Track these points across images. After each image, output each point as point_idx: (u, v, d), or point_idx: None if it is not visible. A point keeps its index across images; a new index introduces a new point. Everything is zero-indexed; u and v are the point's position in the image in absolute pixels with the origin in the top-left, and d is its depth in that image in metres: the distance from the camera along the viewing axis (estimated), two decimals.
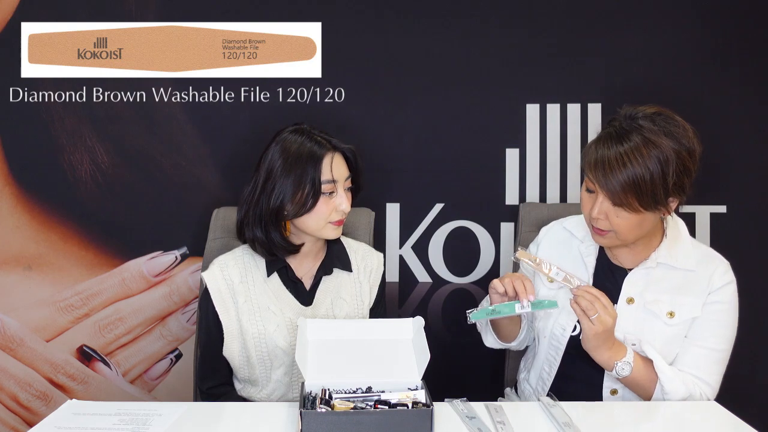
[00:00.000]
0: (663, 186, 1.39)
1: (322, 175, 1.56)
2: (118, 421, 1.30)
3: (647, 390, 1.48)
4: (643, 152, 1.38)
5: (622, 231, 1.46)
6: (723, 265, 1.55)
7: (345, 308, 1.66)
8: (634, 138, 1.40)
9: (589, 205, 1.47)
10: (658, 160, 1.38)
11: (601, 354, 1.44)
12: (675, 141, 1.40)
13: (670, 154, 1.39)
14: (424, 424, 1.23)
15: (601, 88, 2.09)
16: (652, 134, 1.40)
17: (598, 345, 1.43)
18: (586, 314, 1.40)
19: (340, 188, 1.59)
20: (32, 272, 2.11)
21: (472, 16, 2.11)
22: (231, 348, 1.61)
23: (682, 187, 1.43)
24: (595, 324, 1.39)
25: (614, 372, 1.45)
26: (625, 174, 1.38)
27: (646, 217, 1.44)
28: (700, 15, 2.11)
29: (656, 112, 1.44)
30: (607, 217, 1.45)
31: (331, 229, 1.60)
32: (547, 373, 1.62)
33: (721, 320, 1.53)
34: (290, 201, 1.56)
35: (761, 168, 2.13)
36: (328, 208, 1.58)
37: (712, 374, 1.51)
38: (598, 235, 1.50)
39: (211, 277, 1.62)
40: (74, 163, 2.09)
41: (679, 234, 1.57)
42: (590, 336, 1.41)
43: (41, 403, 2.11)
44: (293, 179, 1.55)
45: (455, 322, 2.15)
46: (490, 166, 2.13)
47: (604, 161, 1.40)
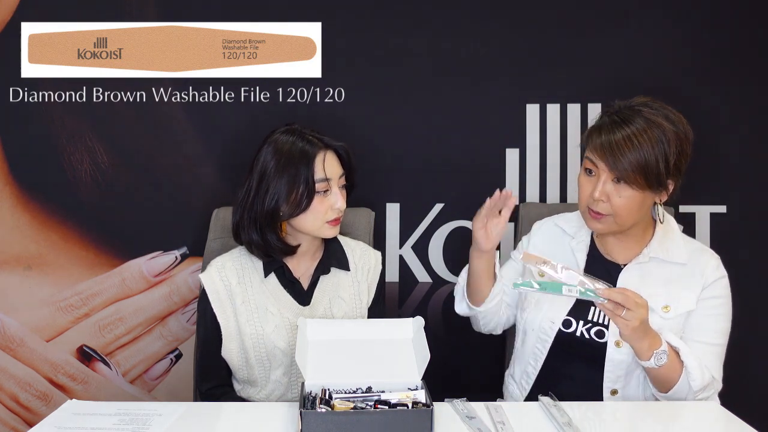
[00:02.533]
0: (665, 165, 1.45)
1: (316, 173, 1.56)
2: (118, 421, 1.30)
3: (672, 379, 1.45)
4: (648, 133, 1.45)
5: (622, 213, 1.48)
6: (714, 259, 1.57)
7: (343, 307, 1.66)
8: (637, 121, 1.46)
9: (590, 187, 1.50)
10: (661, 141, 1.45)
11: (642, 343, 1.42)
12: (672, 124, 1.47)
13: (671, 135, 1.46)
14: (424, 424, 1.23)
15: (601, 88, 2.09)
16: (654, 117, 1.47)
17: (639, 337, 1.41)
18: (616, 313, 1.38)
19: (334, 186, 1.59)
20: (32, 272, 2.11)
21: (472, 16, 2.11)
22: (229, 349, 1.61)
23: (679, 169, 1.49)
24: (630, 319, 1.37)
25: (652, 361, 1.42)
26: (634, 154, 1.43)
27: (646, 199, 1.49)
28: (701, 15, 2.11)
29: (649, 99, 1.51)
30: (609, 199, 1.47)
31: (328, 228, 1.60)
32: (533, 367, 1.61)
33: (719, 315, 1.54)
34: (285, 202, 1.56)
35: (761, 168, 2.13)
36: (323, 206, 1.58)
37: (716, 368, 1.52)
38: (594, 220, 1.51)
39: (209, 279, 1.62)
40: (74, 163, 2.09)
41: (670, 229, 1.59)
42: (628, 333, 1.39)
43: (41, 403, 2.11)
44: (287, 179, 1.55)
45: (455, 322, 2.15)
46: (490, 166, 2.13)
47: (612, 144, 1.45)
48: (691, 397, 1.46)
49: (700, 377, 1.45)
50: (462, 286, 1.68)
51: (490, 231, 1.55)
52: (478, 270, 1.61)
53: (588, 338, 1.56)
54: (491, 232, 1.55)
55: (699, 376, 1.45)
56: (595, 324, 1.56)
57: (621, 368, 1.53)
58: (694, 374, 1.45)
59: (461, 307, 1.70)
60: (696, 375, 1.45)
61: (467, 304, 1.66)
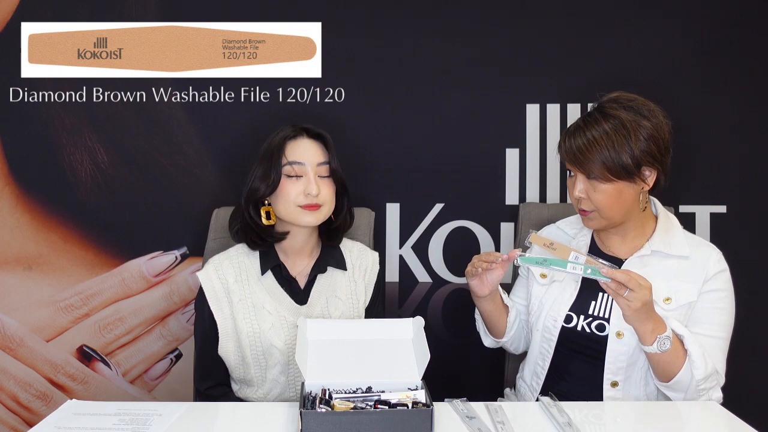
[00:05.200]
0: (630, 156, 1.48)
1: (287, 155, 1.61)
2: (118, 421, 1.30)
3: (675, 367, 1.46)
4: (601, 122, 1.50)
5: (603, 207, 1.52)
6: (716, 253, 1.59)
7: (340, 307, 1.66)
8: (594, 114, 1.54)
9: (572, 188, 1.56)
10: (615, 127, 1.49)
11: (645, 326, 1.43)
12: (633, 112, 1.51)
13: (630, 123, 1.49)
14: (424, 424, 1.23)
15: (601, 88, 2.09)
16: (610, 109, 1.52)
17: (641, 319, 1.42)
18: (618, 293, 1.40)
19: (310, 172, 1.60)
20: (32, 272, 2.11)
21: (472, 16, 2.11)
22: (226, 347, 1.61)
23: (654, 157, 1.50)
24: (632, 300, 1.38)
25: (655, 346, 1.43)
26: (594, 155, 1.49)
27: (623, 189, 1.51)
28: (701, 15, 2.11)
29: (619, 95, 1.55)
30: (588, 196, 1.53)
31: (303, 214, 1.60)
32: (541, 367, 1.63)
33: (723, 308, 1.55)
34: (261, 180, 1.61)
35: (761, 168, 2.14)
36: (294, 190, 1.59)
37: (720, 362, 1.53)
38: (584, 217, 1.57)
39: (206, 277, 1.63)
40: (74, 163, 2.09)
41: (671, 224, 1.62)
42: (631, 313, 1.41)
43: (41, 403, 2.11)
44: (265, 161, 1.62)
45: (455, 322, 2.15)
46: (490, 166, 2.13)
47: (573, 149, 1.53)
48: (693, 387, 1.46)
49: (703, 366, 1.45)
50: (480, 322, 1.72)
51: (485, 279, 1.57)
52: (487, 311, 1.64)
53: (589, 332, 1.57)
54: (487, 280, 1.57)
55: (702, 365, 1.45)
56: (596, 318, 1.57)
57: (622, 360, 1.54)
58: (697, 362, 1.45)
59: (488, 341, 1.73)
60: (699, 363, 1.45)
61: (491, 339, 1.71)
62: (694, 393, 1.47)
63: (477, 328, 1.74)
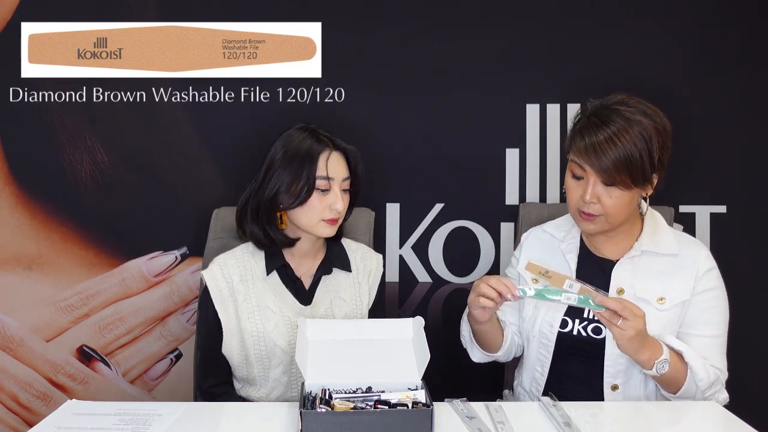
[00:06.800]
0: (650, 161, 1.47)
1: (318, 170, 1.58)
2: (118, 421, 1.30)
3: (678, 382, 1.47)
4: (629, 131, 1.46)
5: (613, 212, 1.49)
6: (705, 250, 1.59)
7: (344, 308, 1.66)
8: (616, 120, 1.47)
9: (579, 191, 1.51)
10: (642, 137, 1.46)
11: (642, 355, 1.42)
12: (651, 119, 1.49)
13: (651, 130, 1.47)
14: (424, 424, 1.23)
15: (601, 88, 2.08)
16: (631, 114, 1.48)
17: (636, 348, 1.41)
18: (612, 322, 1.38)
19: (335, 187, 1.60)
20: (32, 272, 2.11)
21: (472, 16, 2.11)
22: (230, 346, 1.62)
23: (662, 163, 1.50)
24: (626, 329, 1.37)
25: (654, 371, 1.43)
26: (616, 152, 1.44)
27: (634, 195, 1.50)
28: (701, 15, 2.11)
29: (625, 97, 1.53)
30: (600, 200, 1.49)
31: (323, 227, 1.61)
32: (540, 373, 1.62)
33: (717, 306, 1.55)
34: (285, 192, 1.58)
35: (761, 168, 2.14)
36: (321, 205, 1.59)
37: (720, 360, 1.53)
38: (586, 221, 1.52)
39: (211, 276, 1.63)
40: (74, 163, 2.09)
41: (657, 222, 1.61)
42: (624, 342, 1.39)
43: (41, 403, 2.11)
44: (290, 170, 1.58)
45: (455, 322, 2.15)
46: (490, 166, 2.13)
47: (595, 145, 1.46)
48: (699, 394, 1.47)
49: (706, 377, 1.46)
50: (467, 338, 1.67)
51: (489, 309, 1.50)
52: (483, 331, 1.61)
53: (585, 336, 1.56)
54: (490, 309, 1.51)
55: (705, 376, 1.46)
56: (591, 321, 1.57)
57: (620, 362, 1.53)
58: (699, 374, 1.45)
59: (477, 356, 1.68)
60: (702, 375, 1.45)
61: (480, 352, 1.66)
62: (701, 399, 1.48)
63: (463, 344, 1.70)
